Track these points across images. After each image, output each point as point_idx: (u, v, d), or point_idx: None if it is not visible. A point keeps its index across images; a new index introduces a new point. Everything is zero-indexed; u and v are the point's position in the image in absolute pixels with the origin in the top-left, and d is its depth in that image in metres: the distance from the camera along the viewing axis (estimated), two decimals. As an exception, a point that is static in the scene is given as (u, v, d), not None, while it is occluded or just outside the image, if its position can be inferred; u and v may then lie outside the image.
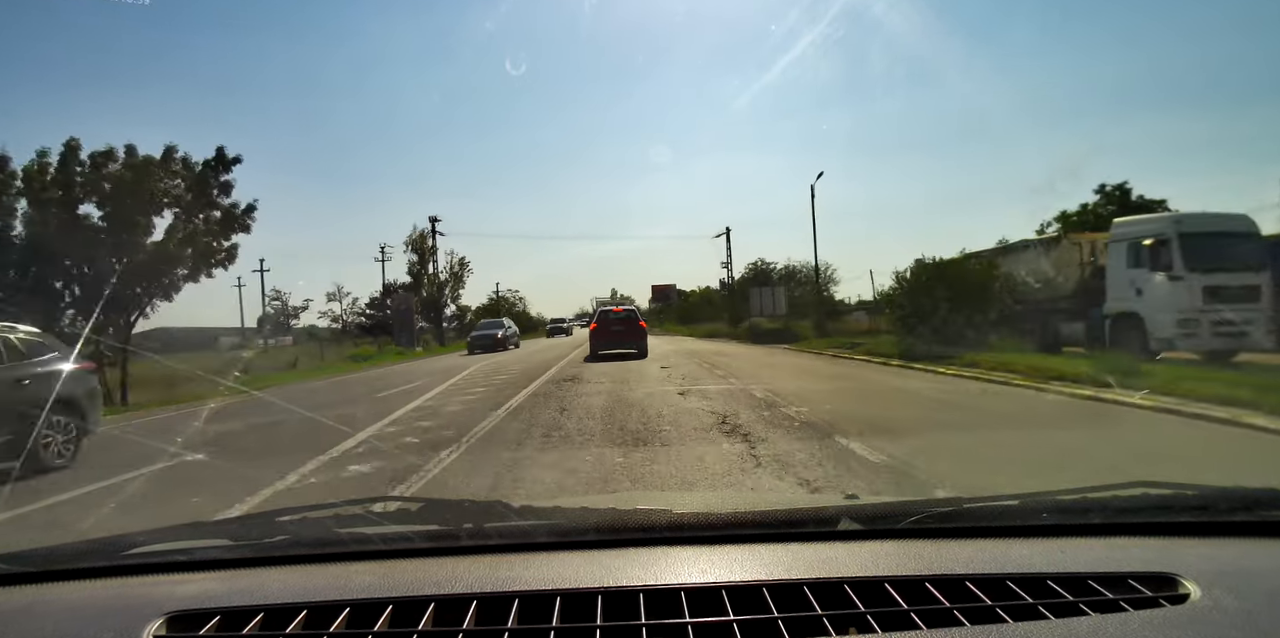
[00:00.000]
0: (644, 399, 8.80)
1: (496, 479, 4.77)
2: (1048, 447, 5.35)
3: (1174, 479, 1.32)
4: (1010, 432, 6.17)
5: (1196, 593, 0.86)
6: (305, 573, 1.02)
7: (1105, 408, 7.11)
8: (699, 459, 5.10)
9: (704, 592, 0.89)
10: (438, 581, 0.94)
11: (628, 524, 1.14)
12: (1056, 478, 4.13)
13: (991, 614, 0.82)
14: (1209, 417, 6.13)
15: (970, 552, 1.02)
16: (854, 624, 0.81)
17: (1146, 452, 5.06)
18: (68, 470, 6.19)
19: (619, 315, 19.18)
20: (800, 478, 4.45)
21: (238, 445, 7.29)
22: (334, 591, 0.92)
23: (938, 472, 4.50)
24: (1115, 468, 4.38)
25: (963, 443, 5.65)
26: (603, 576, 0.94)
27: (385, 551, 1.08)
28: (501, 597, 0.89)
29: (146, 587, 1.00)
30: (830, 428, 6.15)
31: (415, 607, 0.87)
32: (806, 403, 7.90)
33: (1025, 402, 7.96)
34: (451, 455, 5.73)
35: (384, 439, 6.75)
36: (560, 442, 6.09)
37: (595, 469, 4.94)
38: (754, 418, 6.94)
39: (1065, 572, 0.93)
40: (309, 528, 1.27)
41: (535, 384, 11.49)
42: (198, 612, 0.88)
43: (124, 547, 1.13)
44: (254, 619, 0.86)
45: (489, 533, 1.14)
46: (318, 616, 0.87)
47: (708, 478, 4.57)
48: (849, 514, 1.13)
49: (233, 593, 0.94)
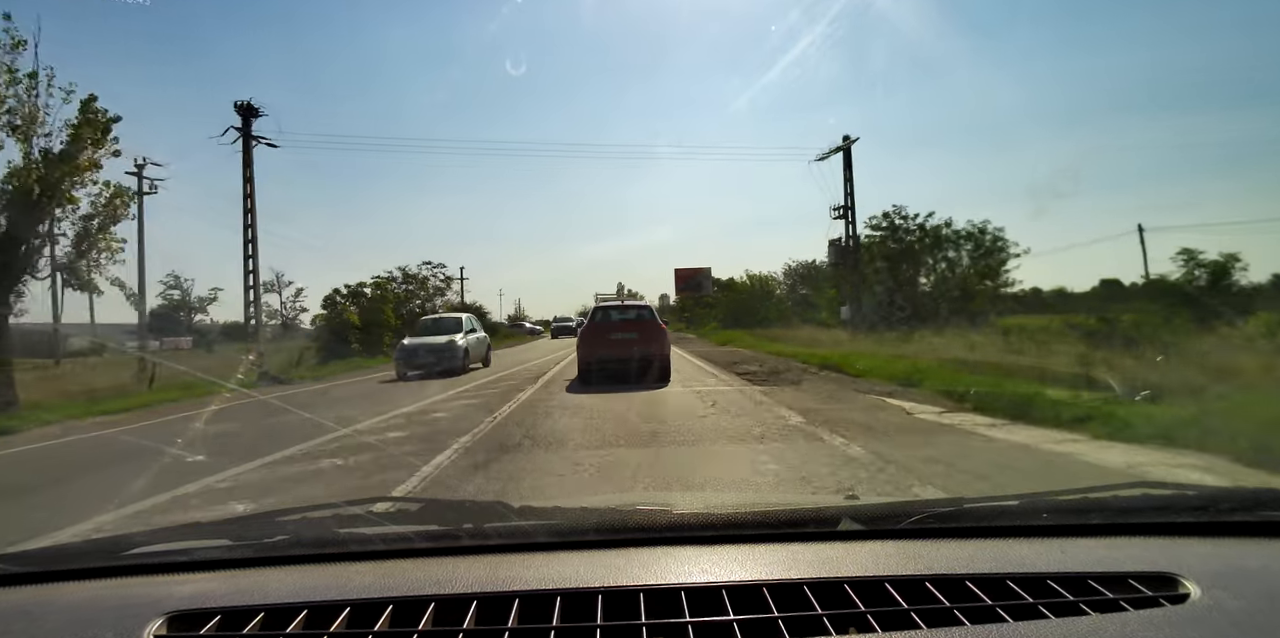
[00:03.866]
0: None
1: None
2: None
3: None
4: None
5: (1196, 593, 0.86)
6: (305, 573, 1.02)
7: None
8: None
9: (704, 592, 0.89)
10: (438, 581, 0.94)
11: (628, 524, 1.14)
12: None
13: (992, 614, 0.82)
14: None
15: (970, 552, 1.02)
16: (854, 624, 0.81)
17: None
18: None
19: (624, 315, 11.97)
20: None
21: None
22: (334, 590, 0.92)
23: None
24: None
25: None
26: (603, 575, 0.94)
27: (385, 551, 1.08)
28: (501, 597, 0.89)
29: (146, 587, 1.00)
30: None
31: (415, 607, 0.87)
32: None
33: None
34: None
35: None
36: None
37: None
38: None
39: (1065, 572, 0.93)
40: (309, 528, 1.27)
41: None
42: (198, 612, 0.88)
43: (124, 547, 1.13)
44: (254, 619, 0.86)
45: (489, 533, 1.14)
46: (318, 615, 0.87)
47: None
48: (849, 514, 1.13)
49: (233, 593, 0.94)
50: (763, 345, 20.77)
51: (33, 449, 8.02)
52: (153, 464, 6.10)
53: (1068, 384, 8.01)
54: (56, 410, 11.13)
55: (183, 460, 6.32)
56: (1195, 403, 6.15)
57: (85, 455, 7.76)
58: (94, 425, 9.69)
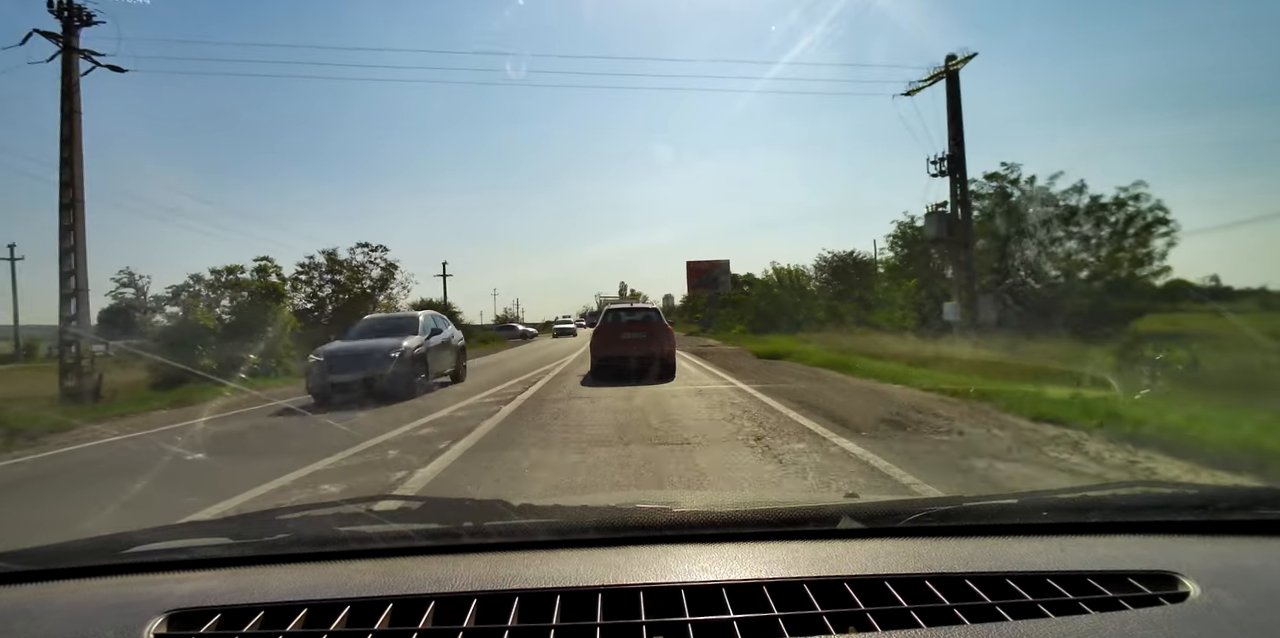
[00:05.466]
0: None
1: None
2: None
3: None
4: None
5: (1196, 592, 0.86)
6: (306, 571, 1.03)
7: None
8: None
9: (704, 590, 0.89)
10: (438, 579, 0.94)
11: (628, 523, 1.14)
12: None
13: (991, 613, 0.82)
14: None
15: (970, 550, 1.02)
16: (854, 623, 0.81)
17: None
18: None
19: (633, 317, 12.83)
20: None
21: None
22: (334, 589, 0.92)
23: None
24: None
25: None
26: (603, 574, 0.94)
27: (386, 549, 1.08)
28: (502, 595, 0.89)
29: (147, 585, 1.00)
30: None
31: (415, 605, 0.87)
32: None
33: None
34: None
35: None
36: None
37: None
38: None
39: (1065, 570, 0.93)
40: (309, 526, 1.27)
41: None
42: (198, 610, 0.88)
43: (124, 545, 1.13)
44: (254, 618, 0.86)
45: (489, 531, 1.14)
46: (318, 614, 0.87)
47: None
48: (849, 513, 1.13)
49: (233, 591, 0.94)
50: (854, 365, 11.94)
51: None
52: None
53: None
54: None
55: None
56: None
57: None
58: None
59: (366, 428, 7.12)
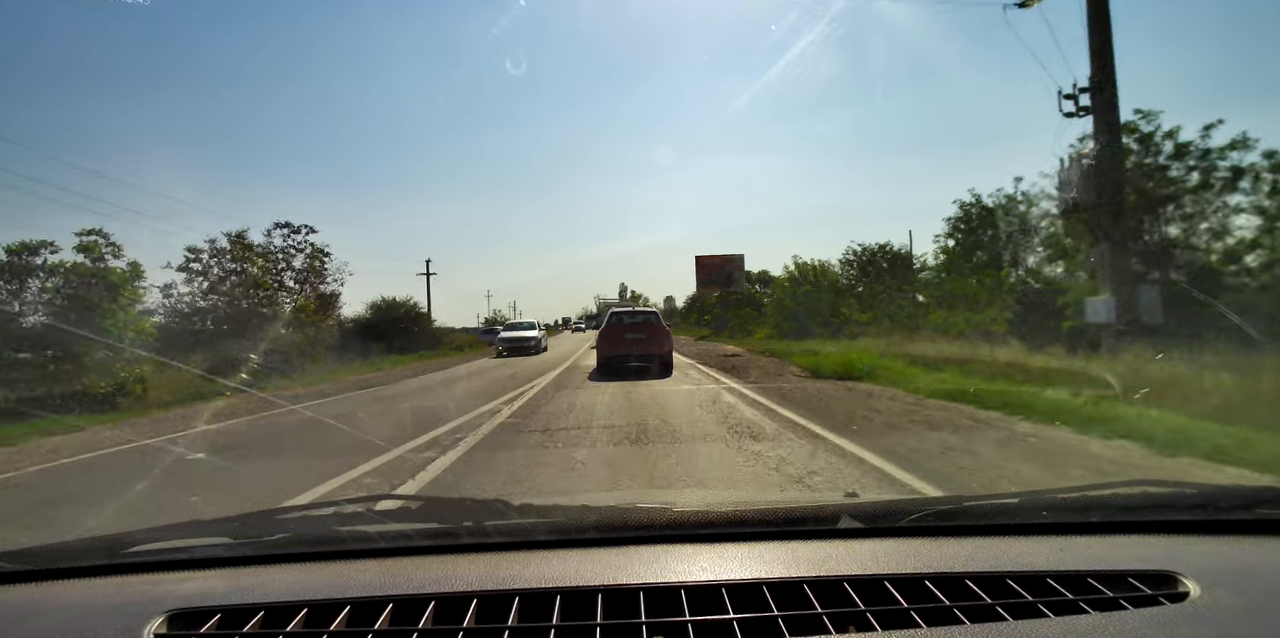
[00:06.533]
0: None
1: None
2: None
3: None
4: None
5: (1196, 591, 0.86)
6: (306, 571, 1.02)
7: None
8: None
9: (704, 590, 0.89)
10: (438, 579, 0.94)
11: (628, 522, 1.14)
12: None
13: (991, 612, 0.82)
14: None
15: (970, 550, 1.02)
16: (854, 623, 0.81)
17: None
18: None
19: (634, 320, 14.17)
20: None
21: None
22: (334, 589, 0.92)
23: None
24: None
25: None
26: (603, 574, 0.94)
27: (386, 549, 1.08)
28: (502, 595, 0.89)
29: (147, 585, 1.00)
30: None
31: (415, 605, 0.87)
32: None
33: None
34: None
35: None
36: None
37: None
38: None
39: (1065, 570, 0.93)
40: (309, 526, 1.27)
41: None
42: (198, 610, 0.88)
43: (124, 545, 1.13)
44: (254, 617, 0.86)
45: (489, 531, 1.14)
46: (318, 614, 0.87)
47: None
48: (849, 513, 1.13)
49: (233, 591, 0.94)
50: (1026, 402, 6.62)
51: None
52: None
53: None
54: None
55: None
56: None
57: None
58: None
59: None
